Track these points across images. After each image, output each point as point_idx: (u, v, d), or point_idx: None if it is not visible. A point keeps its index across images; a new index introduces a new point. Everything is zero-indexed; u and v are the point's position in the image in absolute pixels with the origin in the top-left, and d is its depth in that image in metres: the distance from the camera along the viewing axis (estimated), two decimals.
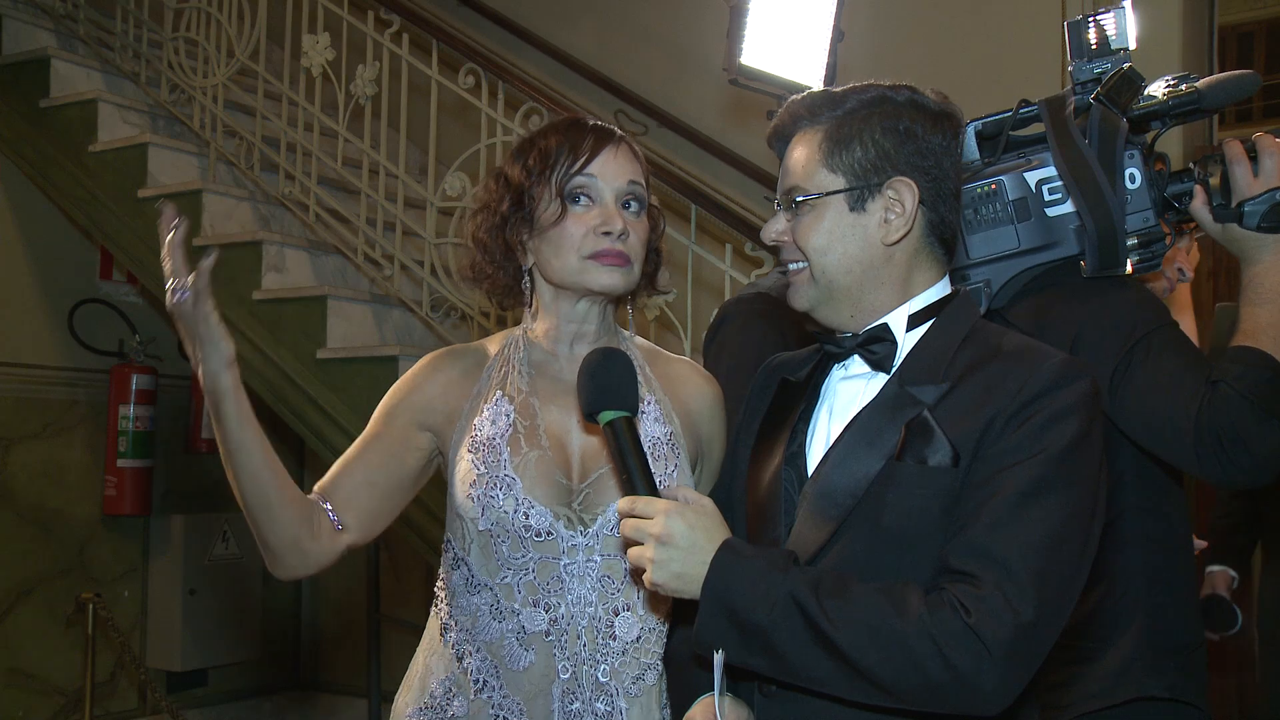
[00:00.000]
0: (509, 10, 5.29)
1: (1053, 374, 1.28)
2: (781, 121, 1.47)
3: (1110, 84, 1.66)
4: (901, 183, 1.37)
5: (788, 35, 3.25)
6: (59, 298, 4.86)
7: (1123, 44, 1.71)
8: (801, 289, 1.43)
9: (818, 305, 1.42)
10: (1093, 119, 1.66)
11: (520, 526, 1.51)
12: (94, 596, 4.54)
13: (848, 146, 1.38)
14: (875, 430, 1.34)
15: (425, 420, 1.61)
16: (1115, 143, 1.64)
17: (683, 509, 1.29)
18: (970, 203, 1.70)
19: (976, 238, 1.71)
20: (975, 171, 1.74)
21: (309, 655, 5.75)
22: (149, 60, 4.53)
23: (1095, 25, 1.71)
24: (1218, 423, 1.52)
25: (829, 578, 1.24)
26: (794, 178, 1.42)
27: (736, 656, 1.27)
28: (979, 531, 1.22)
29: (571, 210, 1.55)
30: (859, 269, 1.39)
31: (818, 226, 1.39)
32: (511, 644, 1.52)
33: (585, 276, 1.55)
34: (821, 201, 1.39)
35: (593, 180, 1.56)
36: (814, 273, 1.40)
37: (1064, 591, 1.23)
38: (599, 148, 1.57)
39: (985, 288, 1.72)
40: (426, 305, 3.88)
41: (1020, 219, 1.70)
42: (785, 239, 1.43)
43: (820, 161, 1.39)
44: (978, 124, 1.78)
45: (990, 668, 1.17)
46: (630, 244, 1.56)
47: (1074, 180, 1.64)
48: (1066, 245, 1.69)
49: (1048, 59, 4.06)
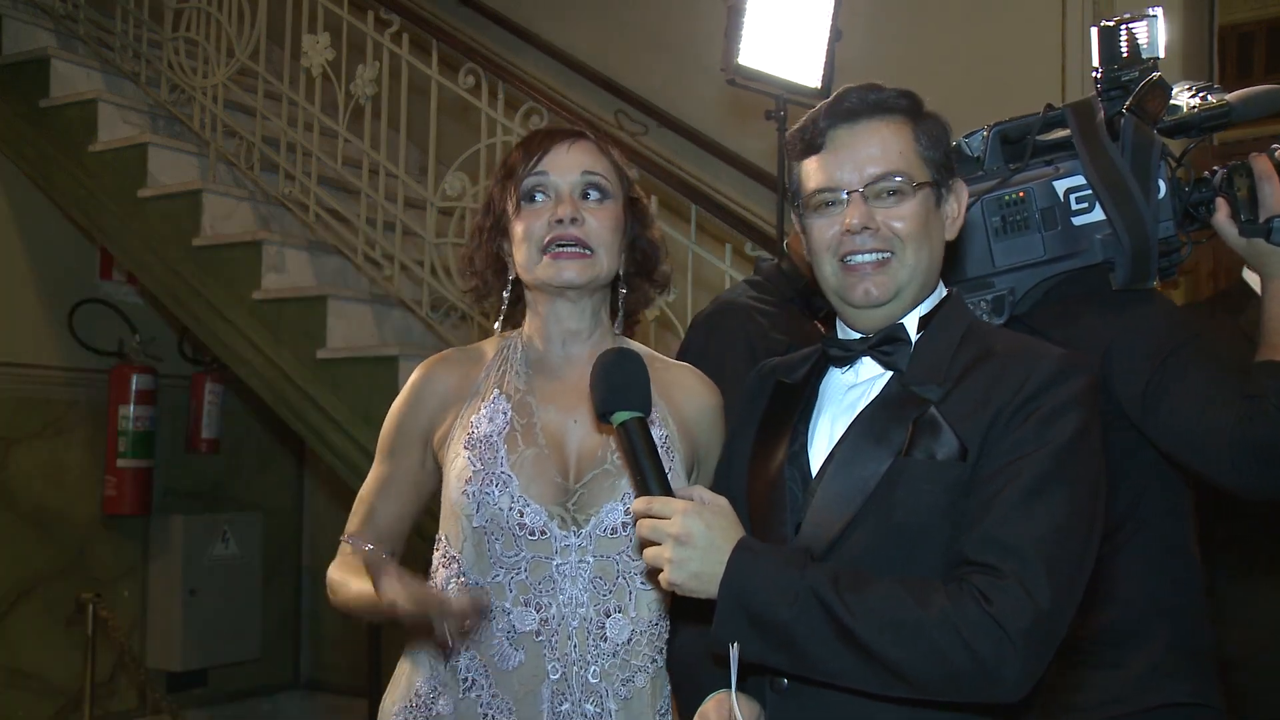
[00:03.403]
0: (509, 10, 5.29)
1: (1053, 369, 1.31)
2: (851, 106, 1.41)
3: (1140, 95, 1.65)
4: (959, 184, 1.45)
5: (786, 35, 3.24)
6: (59, 298, 4.86)
7: (1153, 53, 1.69)
8: (891, 275, 1.39)
9: (897, 294, 1.40)
10: (1125, 130, 1.65)
11: (515, 524, 1.51)
12: (94, 596, 4.54)
13: (934, 143, 1.41)
14: (882, 428, 1.35)
15: (427, 434, 1.62)
16: (1150, 155, 1.63)
17: (700, 509, 1.30)
18: (997, 210, 1.70)
19: (1002, 245, 1.71)
20: (1003, 179, 1.72)
21: (309, 655, 5.75)
22: (149, 60, 4.53)
23: (1127, 32, 1.70)
24: (1256, 437, 1.53)
25: (846, 573, 1.26)
26: (889, 164, 1.39)
27: (755, 654, 1.28)
28: (993, 524, 1.25)
29: (527, 208, 1.59)
30: (933, 263, 1.43)
31: (915, 214, 1.39)
32: (501, 643, 1.52)
33: (543, 271, 1.57)
34: (923, 191, 1.40)
35: (545, 177, 1.59)
36: (903, 260, 1.39)
37: (1075, 579, 1.26)
38: (550, 145, 1.61)
39: (1009, 295, 1.71)
40: (426, 305, 3.88)
41: (1047, 227, 1.70)
42: (872, 225, 1.39)
43: (917, 153, 1.40)
44: (1001, 127, 1.77)
45: (1012, 655, 1.19)
46: (588, 229, 1.57)
47: (1107, 192, 1.64)
48: (1090, 253, 1.68)
49: (1047, 59, 4.06)
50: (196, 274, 4.06)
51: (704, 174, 4.56)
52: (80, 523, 4.88)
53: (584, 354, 1.62)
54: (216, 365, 4.98)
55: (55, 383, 4.86)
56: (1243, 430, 1.54)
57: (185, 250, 4.08)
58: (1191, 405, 1.59)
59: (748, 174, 4.51)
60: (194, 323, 4.17)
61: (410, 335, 4.06)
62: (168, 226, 4.12)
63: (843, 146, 1.40)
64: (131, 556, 5.09)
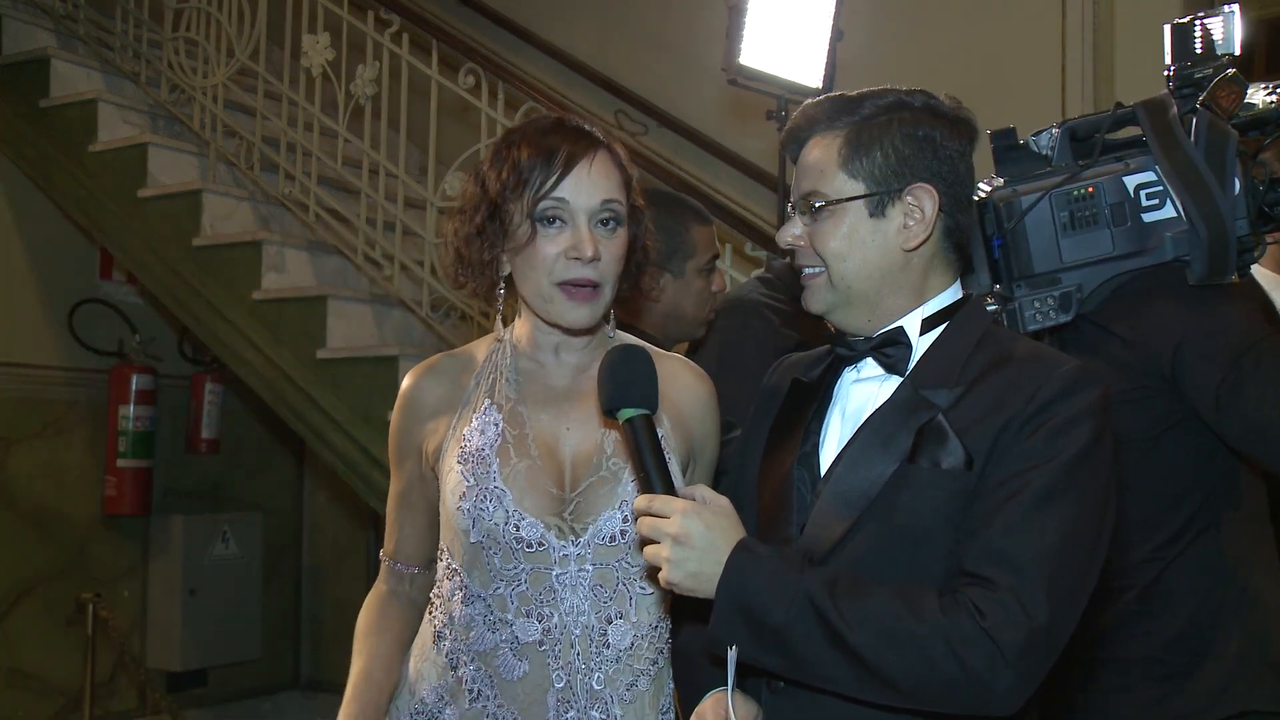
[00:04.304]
0: (509, 10, 5.29)
1: (1066, 380, 1.29)
2: (796, 125, 1.45)
3: (1213, 90, 1.63)
4: (921, 189, 1.37)
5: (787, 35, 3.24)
6: (59, 298, 4.86)
7: (1229, 49, 1.67)
8: (818, 294, 1.42)
9: (834, 310, 1.42)
10: (1199, 124, 1.63)
11: (511, 539, 1.50)
12: (94, 596, 4.54)
13: (868, 152, 1.38)
14: (888, 433, 1.34)
15: (421, 446, 1.61)
16: (1226, 148, 1.61)
17: (700, 509, 1.29)
18: (1065, 205, 1.68)
19: (1070, 241, 1.69)
20: (1072, 175, 1.71)
21: (309, 655, 5.75)
22: (149, 60, 4.53)
23: (1201, 28, 1.68)
24: None
25: (844, 578, 1.25)
26: (812, 182, 1.40)
27: (750, 655, 1.28)
28: (994, 536, 1.24)
29: (543, 233, 1.51)
30: (878, 275, 1.39)
31: (837, 232, 1.38)
32: (505, 654, 1.51)
33: (552, 308, 1.53)
34: (841, 207, 1.38)
35: (564, 204, 1.50)
36: (832, 278, 1.39)
37: (1075, 595, 1.24)
38: (572, 164, 1.51)
39: (1076, 291, 1.70)
40: (426, 305, 3.88)
41: (1116, 223, 1.68)
42: (802, 244, 1.42)
43: (840, 166, 1.38)
44: (1071, 124, 1.76)
45: (1004, 669, 1.18)
46: (602, 268, 1.52)
47: (1183, 184, 1.62)
48: (1160, 251, 1.66)
49: (1047, 60, 4.06)
50: (196, 274, 4.06)
51: (704, 174, 4.56)
52: (80, 523, 4.88)
53: (576, 361, 1.61)
54: (216, 365, 4.98)
55: (55, 383, 4.86)
56: None
57: (185, 250, 4.08)
58: (1266, 401, 1.57)
59: (748, 174, 4.51)
60: (194, 323, 4.17)
61: (410, 335, 4.06)
62: (168, 226, 4.12)
63: (798, 161, 1.45)
64: (131, 556, 5.08)
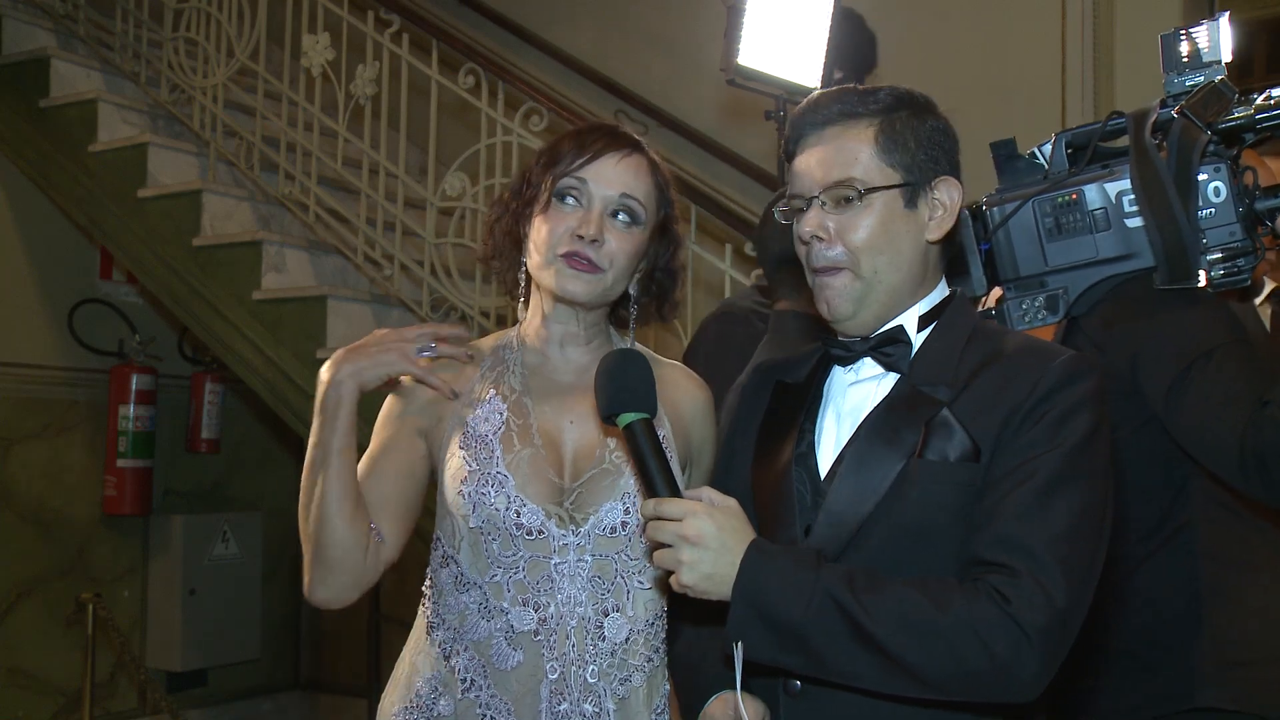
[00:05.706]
0: (509, 10, 5.30)
1: (1064, 371, 1.31)
2: (811, 115, 1.40)
3: (1198, 97, 1.63)
4: (947, 181, 1.39)
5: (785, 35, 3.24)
6: (59, 298, 4.86)
7: (1216, 57, 1.67)
8: (844, 289, 1.38)
9: (860, 306, 1.38)
10: (1174, 132, 1.63)
11: (511, 524, 1.50)
12: (94, 596, 4.53)
13: (904, 142, 1.37)
14: (893, 429, 1.35)
15: (422, 425, 1.60)
16: (1191, 156, 1.61)
17: (711, 510, 1.29)
18: (1051, 211, 1.71)
19: (1055, 245, 1.71)
20: (1058, 181, 1.73)
21: (309, 655, 5.75)
22: (149, 60, 4.53)
23: (1187, 38, 1.68)
24: (1259, 443, 1.53)
25: (860, 574, 1.26)
26: (843, 170, 1.36)
27: (769, 655, 1.27)
28: (1007, 523, 1.25)
29: (557, 207, 1.56)
30: (906, 267, 1.39)
31: (870, 222, 1.36)
32: (500, 643, 1.51)
33: (550, 274, 1.55)
34: (876, 196, 1.36)
35: (583, 184, 1.55)
36: (861, 271, 1.37)
37: (1087, 578, 1.26)
38: (602, 151, 1.56)
39: (1063, 294, 1.72)
40: (426, 305, 3.88)
41: (1099, 229, 1.70)
42: (825, 236, 1.38)
43: (877, 156, 1.37)
44: (1068, 135, 1.77)
45: (1030, 654, 1.20)
46: (605, 252, 1.54)
47: (1143, 193, 1.63)
48: (1145, 256, 1.67)
49: (1047, 60, 4.06)
50: (196, 274, 4.06)
51: (704, 174, 4.56)
52: (80, 523, 4.88)
53: (581, 357, 1.63)
54: (216, 365, 4.98)
55: (55, 383, 4.86)
56: (1250, 435, 1.54)
57: (185, 250, 4.08)
58: (1208, 407, 1.59)
59: (748, 174, 4.52)
60: (194, 323, 4.17)
61: None
62: (168, 226, 4.13)
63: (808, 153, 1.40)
64: (131, 556, 5.09)
